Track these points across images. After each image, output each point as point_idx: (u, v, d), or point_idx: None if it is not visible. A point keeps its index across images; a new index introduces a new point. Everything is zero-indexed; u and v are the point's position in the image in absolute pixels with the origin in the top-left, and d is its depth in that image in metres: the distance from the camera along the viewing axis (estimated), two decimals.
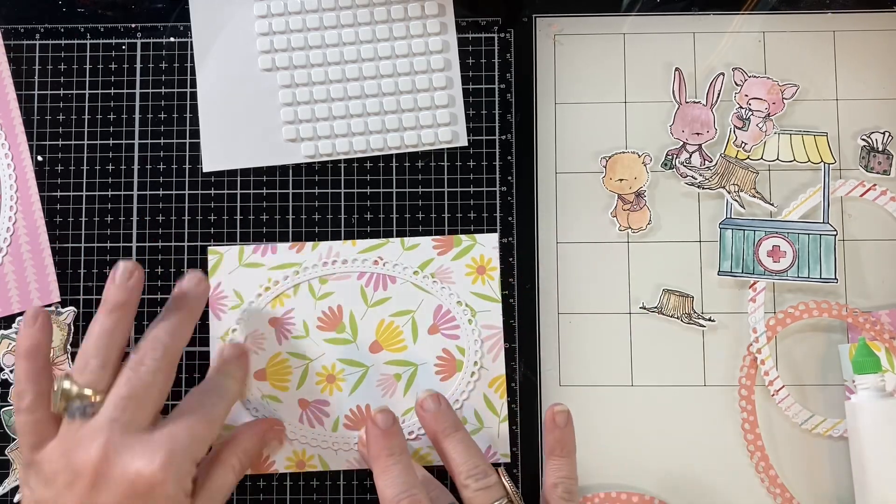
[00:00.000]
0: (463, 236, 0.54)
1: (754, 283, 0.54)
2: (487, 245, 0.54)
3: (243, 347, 0.52)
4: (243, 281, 0.54)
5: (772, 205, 0.54)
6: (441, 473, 0.52)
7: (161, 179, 0.55)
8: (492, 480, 0.49)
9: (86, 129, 0.56)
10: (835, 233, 0.54)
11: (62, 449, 0.45)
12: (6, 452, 0.53)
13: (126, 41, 0.56)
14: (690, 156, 0.55)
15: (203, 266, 0.55)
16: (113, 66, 0.56)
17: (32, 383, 0.47)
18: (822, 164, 0.55)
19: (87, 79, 0.56)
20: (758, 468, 0.53)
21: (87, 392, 0.46)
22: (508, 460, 0.53)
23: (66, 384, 0.46)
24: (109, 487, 0.44)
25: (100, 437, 0.44)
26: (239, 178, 0.55)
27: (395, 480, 0.47)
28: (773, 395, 0.53)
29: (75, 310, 0.54)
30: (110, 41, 0.56)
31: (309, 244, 0.55)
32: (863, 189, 0.54)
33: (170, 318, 0.48)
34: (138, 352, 0.47)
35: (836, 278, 0.54)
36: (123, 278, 0.48)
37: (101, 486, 0.44)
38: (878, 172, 0.54)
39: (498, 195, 0.55)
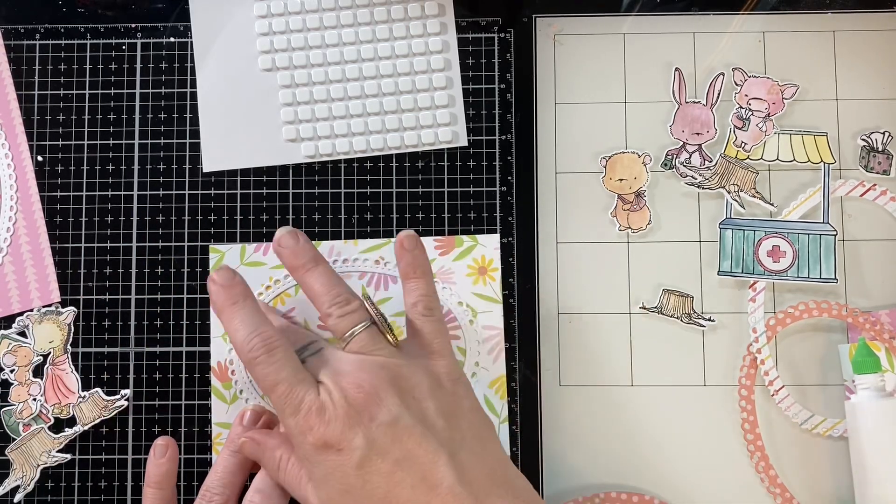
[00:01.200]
0: (464, 237, 0.54)
1: (754, 283, 0.54)
2: (489, 246, 0.54)
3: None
4: (245, 280, 0.54)
5: (772, 205, 0.54)
6: None
7: (161, 179, 0.55)
8: (355, 306, 0.48)
9: (86, 129, 0.56)
10: (835, 233, 0.54)
11: None
12: (6, 452, 0.53)
13: (126, 41, 0.56)
14: (690, 156, 0.55)
15: (204, 265, 0.55)
16: (113, 66, 0.56)
17: None
18: (822, 164, 0.55)
19: (87, 79, 0.56)
20: (758, 468, 0.53)
21: None
22: None
23: None
24: None
25: None
26: (239, 178, 0.55)
27: (241, 324, 0.46)
28: (773, 395, 0.53)
29: (75, 310, 0.54)
30: (110, 41, 0.56)
31: None
32: (863, 189, 0.54)
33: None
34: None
35: (836, 278, 0.54)
36: (250, 422, 0.51)
37: None
38: (878, 172, 0.54)
39: (498, 195, 0.55)
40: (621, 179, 0.55)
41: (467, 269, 0.54)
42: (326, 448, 0.44)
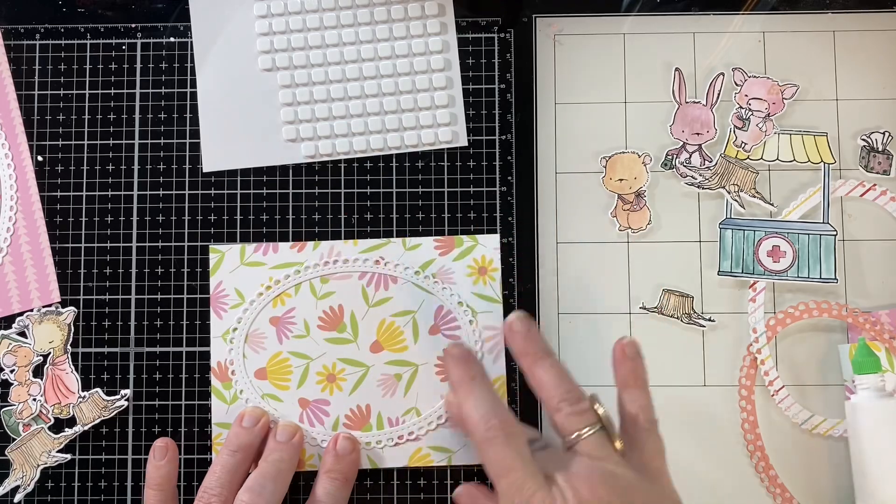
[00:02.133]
0: (464, 237, 0.54)
1: (754, 283, 0.54)
2: (489, 246, 0.54)
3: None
4: (244, 280, 0.54)
5: (772, 205, 0.54)
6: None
7: (161, 179, 0.55)
8: (586, 406, 0.47)
9: (86, 129, 0.56)
10: (835, 233, 0.54)
11: None
12: (6, 452, 0.53)
13: (126, 41, 0.56)
14: (690, 156, 0.55)
15: (204, 265, 0.55)
16: (113, 66, 0.56)
17: None
18: (822, 164, 0.55)
19: (87, 79, 0.56)
20: (758, 468, 0.53)
21: None
22: None
23: None
24: None
25: None
26: (239, 178, 0.55)
27: (481, 401, 0.46)
28: (773, 395, 0.53)
29: (75, 310, 0.54)
30: (110, 41, 0.56)
31: (310, 243, 0.55)
32: (863, 189, 0.54)
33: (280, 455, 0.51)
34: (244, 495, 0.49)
35: (836, 278, 0.54)
36: (250, 423, 0.51)
37: None
38: (878, 172, 0.54)
39: (498, 195, 0.55)
40: (621, 179, 0.55)
41: (467, 269, 0.54)
42: None
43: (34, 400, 0.54)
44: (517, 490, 0.44)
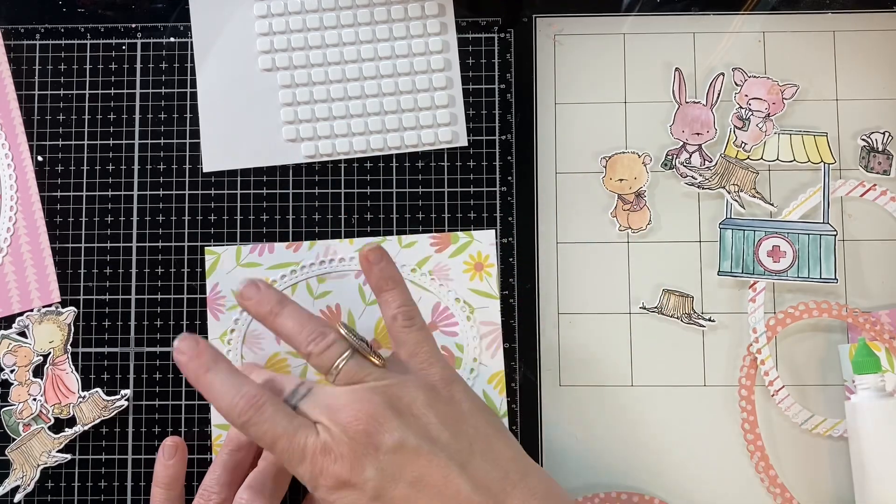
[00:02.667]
0: (460, 233, 0.55)
1: (754, 284, 0.54)
2: (484, 241, 0.54)
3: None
4: (241, 281, 0.54)
5: (772, 205, 0.54)
6: None
7: (161, 179, 0.55)
8: (332, 339, 0.46)
9: (86, 129, 0.56)
10: (835, 233, 0.54)
11: None
12: (6, 452, 0.53)
13: (126, 41, 0.56)
14: (690, 156, 0.55)
15: (201, 266, 0.55)
16: (113, 66, 0.56)
17: None
18: (822, 164, 0.55)
19: (87, 79, 0.56)
20: (758, 468, 0.53)
21: None
22: None
23: None
24: None
25: None
26: (239, 178, 0.55)
27: (221, 389, 0.45)
28: (773, 395, 0.53)
29: (75, 310, 0.54)
30: (110, 41, 0.56)
31: (306, 243, 0.55)
32: (863, 189, 0.54)
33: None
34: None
35: (836, 278, 0.54)
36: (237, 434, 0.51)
37: None
38: (878, 172, 0.54)
39: (498, 195, 0.55)
40: (621, 179, 0.55)
41: (463, 265, 0.54)
42: (341, 486, 0.43)
43: (34, 400, 0.54)
44: (290, 451, 0.43)
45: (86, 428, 0.54)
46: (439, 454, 0.43)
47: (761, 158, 0.55)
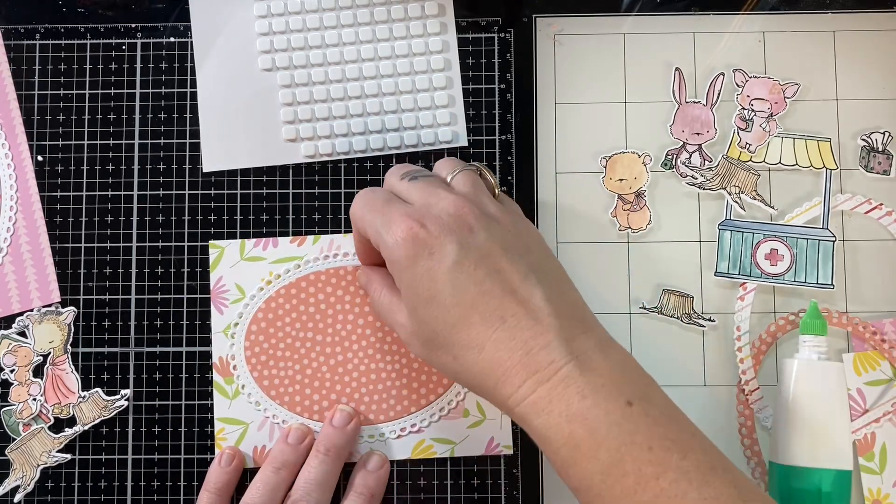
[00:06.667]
0: None
1: (744, 284, 0.54)
2: None
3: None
4: (245, 275, 0.54)
5: (772, 208, 0.54)
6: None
7: (161, 179, 0.55)
8: (458, 160, 0.51)
9: (86, 129, 0.56)
10: (834, 238, 0.54)
11: None
12: (6, 452, 0.53)
13: (126, 41, 0.56)
14: (690, 156, 0.55)
15: (204, 265, 0.55)
16: (113, 66, 0.56)
17: None
18: (824, 168, 0.54)
19: (87, 79, 0.56)
20: (754, 474, 0.53)
21: None
22: (511, 451, 0.53)
23: None
24: None
25: None
26: (239, 178, 0.55)
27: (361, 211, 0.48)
28: (747, 395, 0.53)
29: (75, 310, 0.54)
30: (110, 41, 0.56)
31: (310, 237, 0.55)
32: (868, 206, 0.54)
33: (319, 466, 0.50)
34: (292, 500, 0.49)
35: (832, 284, 0.54)
36: (295, 440, 0.52)
37: None
38: (878, 172, 0.54)
39: None
40: (621, 179, 0.55)
41: None
42: (418, 248, 0.44)
43: (34, 400, 0.54)
44: (383, 221, 0.45)
45: (86, 428, 0.54)
46: (521, 262, 0.44)
47: (763, 161, 0.55)
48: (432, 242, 0.44)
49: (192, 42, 0.56)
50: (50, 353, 0.54)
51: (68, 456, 0.53)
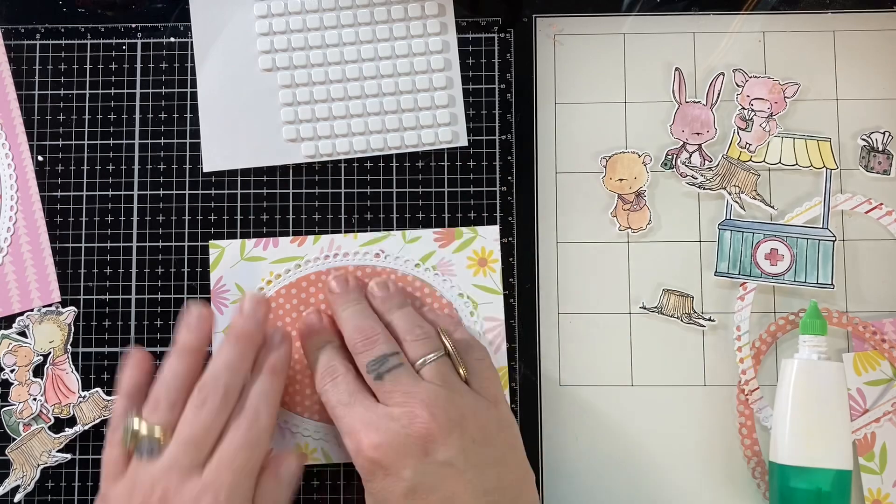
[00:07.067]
0: (464, 228, 0.55)
1: (744, 283, 0.54)
2: (489, 237, 0.54)
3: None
4: (245, 275, 0.54)
5: (772, 207, 0.54)
6: None
7: (161, 179, 0.55)
8: (432, 334, 0.49)
9: (86, 129, 0.56)
10: (834, 238, 0.54)
11: (127, 490, 0.46)
12: (6, 452, 0.53)
13: (126, 41, 0.56)
14: (690, 156, 0.55)
15: (204, 265, 0.55)
16: (113, 66, 0.56)
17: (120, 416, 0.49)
18: (824, 168, 0.54)
19: (87, 79, 0.56)
20: (754, 474, 0.53)
21: (156, 432, 0.47)
22: None
23: (136, 424, 0.47)
24: None
25: (159, 485, 0.45)
26: (239, 178, 0.55)
27: (318, 364, 0.50)
28: (746, 395, 0.53)
29: (75, 310, 0.54)
30: (110, 41, 0.56)
31: (310, 237, 0.55)
32: (868, 206, 0.54)
33: (229, 352, 0.49)
34: (200, 390, 0.47)
35: (832, 284, 0.54)
36: (195, 322, 0.50)
37: None
38: (878, 172, 0.54)
39: (498, 195, 0.55)
40: (621, 179, 0.55)
41: (467, 260, 0.54)
42: (375, 468, 0.46)
43: (34, 400, 0.54)
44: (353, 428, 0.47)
45: (86, 428, 0.54)
46: (477, 486, 0.45)
47: (763, 161, 0.55)
48: (388, 464, 0.45)
49: (192, 42, 0.56)
50: (50, 352, 0.54)
51: (68, 456, 0.53)
